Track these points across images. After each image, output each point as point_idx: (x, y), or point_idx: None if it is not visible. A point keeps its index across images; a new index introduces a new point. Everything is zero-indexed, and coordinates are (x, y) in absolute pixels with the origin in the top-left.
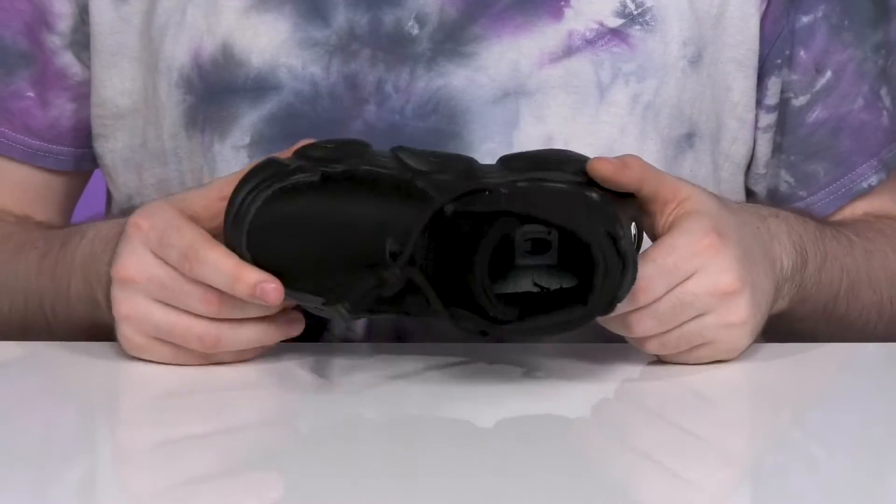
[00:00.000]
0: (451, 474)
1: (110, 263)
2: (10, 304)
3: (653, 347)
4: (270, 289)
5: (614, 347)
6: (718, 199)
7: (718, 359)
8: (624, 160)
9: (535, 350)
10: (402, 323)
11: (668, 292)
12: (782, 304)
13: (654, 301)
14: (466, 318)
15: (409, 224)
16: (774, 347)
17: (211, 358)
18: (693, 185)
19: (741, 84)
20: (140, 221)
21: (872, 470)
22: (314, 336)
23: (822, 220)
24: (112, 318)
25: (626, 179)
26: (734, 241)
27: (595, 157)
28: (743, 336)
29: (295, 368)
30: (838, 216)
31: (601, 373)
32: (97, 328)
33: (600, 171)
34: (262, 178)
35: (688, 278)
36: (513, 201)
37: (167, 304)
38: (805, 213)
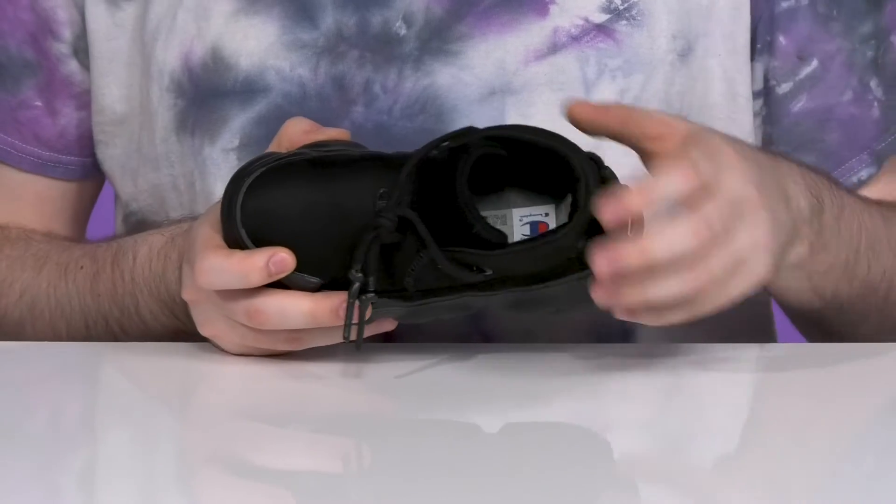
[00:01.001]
0: (452, 473)
1: (176, 282)
2: (66, 326)
3: (701, 278)
4: (281, 259)
5: (612, 349)
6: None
7: (743, 290)
8: (604, 103)
9: (531, 350)
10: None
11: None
12: (802, 250)
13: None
14: (458, 253)
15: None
16: (775, 348)
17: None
18: (693, 122)
19: (741, 75)
20: (182, 242)
21: (873, 471)
22: None
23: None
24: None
25: (607, 118)
26: (750, 159)
27: (573, 103)
28: (767, 259)
29: (296, 369)
30: None
31: (597, 373)
32: (180, 335)
33: (580, 113)
34: (253, 165)
35: (711, 187)
36: (490, 129)
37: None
38: (817, 168)
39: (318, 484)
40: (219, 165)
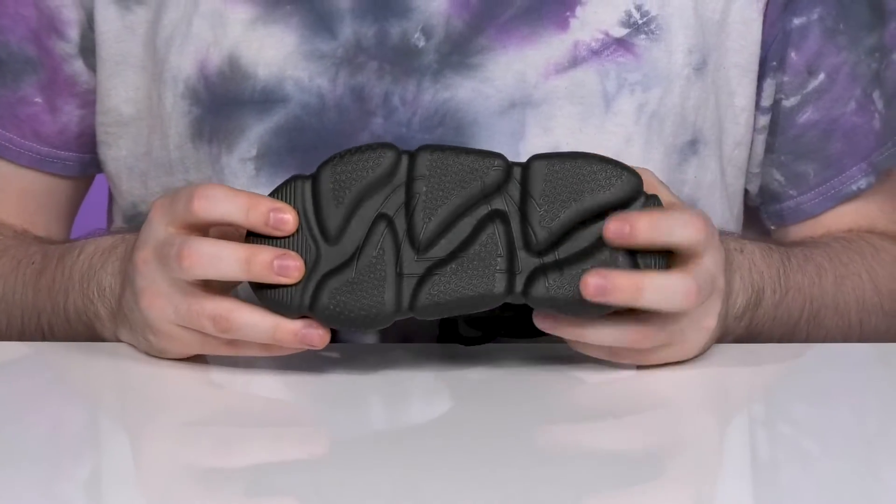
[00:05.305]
0: (455, 474)
1: (112, 273)
2: (7, 321)
3: (639, 343)
4: (283, 219)
5: None
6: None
7: (667, 360)
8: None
9: (540, 349)
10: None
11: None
12: (727, 340)
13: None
14: None
15: None
16: (770, 348)
17: (238, 347)
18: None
19: (745, 89)
20: (158, 202)
21: (865, 470)
22: None
23: (790, 249)
24: (115, 329)
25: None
26: (722, 251)
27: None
28: (708, 342)
29: (301, 366)
30: (827, 219)
31: (589, 371)
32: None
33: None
34: None
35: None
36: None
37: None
38: (772, 244)
39: (330, 488)
40: (236, 174)
